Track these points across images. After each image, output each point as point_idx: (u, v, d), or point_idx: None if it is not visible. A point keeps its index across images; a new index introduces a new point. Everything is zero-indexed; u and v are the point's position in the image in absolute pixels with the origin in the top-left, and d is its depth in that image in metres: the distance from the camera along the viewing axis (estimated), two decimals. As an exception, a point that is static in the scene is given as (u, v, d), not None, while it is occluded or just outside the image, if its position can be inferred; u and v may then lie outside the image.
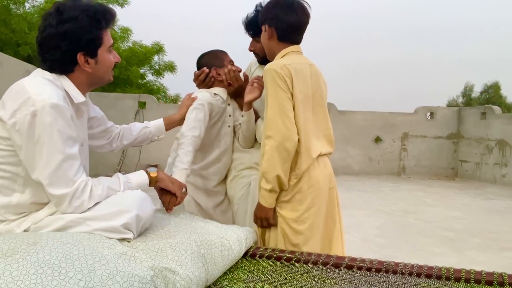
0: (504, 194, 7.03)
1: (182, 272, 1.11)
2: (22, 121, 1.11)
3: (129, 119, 7.85)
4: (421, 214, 5.17)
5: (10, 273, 0.88)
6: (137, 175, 1.39)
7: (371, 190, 6.89)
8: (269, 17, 1.70)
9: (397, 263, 1.35)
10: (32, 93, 1.13)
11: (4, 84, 1.83)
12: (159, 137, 1.81)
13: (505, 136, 8.24)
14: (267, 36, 1.73)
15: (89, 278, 0.92)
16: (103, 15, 1.28)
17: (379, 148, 9.36)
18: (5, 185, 1.20)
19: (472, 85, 32.98)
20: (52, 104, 1.13)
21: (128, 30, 11.59)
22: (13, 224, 1.21)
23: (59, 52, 1.22)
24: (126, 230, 1.15)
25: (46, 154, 1.12)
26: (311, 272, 1.33)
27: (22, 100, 1.13)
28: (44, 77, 1.22)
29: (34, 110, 1.11)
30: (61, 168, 1.13)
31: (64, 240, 1.03)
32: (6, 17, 9.30)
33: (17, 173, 1.19)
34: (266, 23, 1.72)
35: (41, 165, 1.13)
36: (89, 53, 1.27)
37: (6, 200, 1.20)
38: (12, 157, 1.18)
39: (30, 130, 1.11)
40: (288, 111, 1.59)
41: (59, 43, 1.21)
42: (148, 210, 1.23)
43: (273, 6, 1.71)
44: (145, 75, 12.06)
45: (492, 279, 1.24)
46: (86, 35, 1.23)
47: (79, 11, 1.22)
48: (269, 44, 1.76)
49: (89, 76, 1.30)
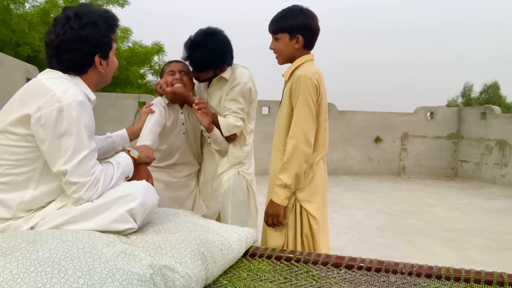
0: (504, 194, 7.03)
1: (182, 270, 1.11)
2: (49, 115, 1.17)
3: (129, 119, 7.85)
4: (421, 214, 5.17)
5: (10, 271, 0.88)
6: (123, 157, 1.45)
7: (371, 190, 6.89)
8: (297, 25, 1.78)
9: (397, 263, 1.35)
10: (57, 91, 1.20)
11: (4, 84, 1.83)
12: (123, 147, 1.80)
13: (505, 136, 8.24)
14: (293, 43, 1.80)
15: (89, 276, 0.92)
16: (113, 20, 1.39)
17: (379, 148, 9.36)
18: (19, 182, 1.23)
19: (471, 85, 33.01)
20: (78, 100, 1.20)
21: (128, 30, 11.62)
22: (20, 221, 1.23)
23: (79, 54, 1.31)
24: (130, 217, 1.20)
25: (73, 147, 1.19)
26: (311, 272, 1.33)
27: (47, 97, 1.19)
28: (63, 77, 1.30)
29: (60, 106, 1.18)
30: (85, 160, 1.21)
31: (63, 238, 1.04)
32: (6, 17, 9.31)
33: (34, 169, 1.24)
34: (294, 31, 1.78)
35: (67, 157, 1.19)
36: (104, 55, 1.37)
37: (19, 197, 1.23)
38: (31, 153, 1.22)
39: (56, 124, 1.17)
40: (313, 117, 1.74)
41: (81, 45, 1.30)
42: (152, 198, 1.30)
43: (299, 15, 1.79)
44: (145, 75, 12.08)
45: (492, 279, 1.23)
46: (103, 39, 1.34)
47: (97, 16, 1.33)
48: (292, 51, 1.83)
49: (100, 76, 1.40)
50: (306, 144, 1.73)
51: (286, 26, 1.79)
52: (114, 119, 7.75)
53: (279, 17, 1.83)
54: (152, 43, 11.65)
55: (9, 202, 1.22)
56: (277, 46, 1.84)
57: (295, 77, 1.76)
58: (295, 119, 1.74)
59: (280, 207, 1.76)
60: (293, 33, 1.79)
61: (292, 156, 1.72)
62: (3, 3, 9.42)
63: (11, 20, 9.25)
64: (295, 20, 1.78)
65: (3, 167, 1.22)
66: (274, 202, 1.77)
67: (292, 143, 1.73)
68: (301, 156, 1.72)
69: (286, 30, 1.79)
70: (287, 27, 1.79)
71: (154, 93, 11.69)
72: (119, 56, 10.33)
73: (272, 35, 1.86)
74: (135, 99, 8.44)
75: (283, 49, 1.83)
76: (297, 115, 1.73)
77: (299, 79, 1.73)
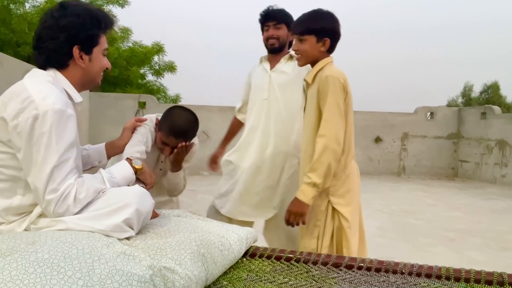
0: (504, 194, 7.03)
1: (182, 271, 1.11)
2: (24, 123, 1.13)
3: (129, 119, 7.82)
4: (421, 214, 5.17)
5: (9, 272, 0.88)
6: (121, 168, 1.40)
7: (371, 190, 6.88)
8: (327, 28, 1.80)
9: (397, 263, 1.35)
10: (36, 97, 1.15)
11: (4, 84, 1.83)
12: (99, 162, 1.69)
13: (505, 136, 8.24)
14: (319, 46, 1.82)
15: (88, 277, 0.92)
16: (104, 17, 1.35)
17: (379, 148, 9.36)
18: (6, 188, 1.21)
19: (471, 85, 32.94)
20: (56, 109, 1.15)
21: (128, 30, 11.61)
22: (13, 225, 1.22)
23: (56, 43, 1.26)
24: (127, 226, 1.16)
25: (41, 159, 1.13)
26: (311, 272, 1.33)
27: (26, 103, 1.14)
28: (45, 79, 1.24)
29: (36, 114, 1.13)
30: (53, 173, 1.14)
31: (63, 239, 1.03)
32: (6, 17, 9.31)
33: (19, 177, 1.20)
34: (322, 33, 1.80)
35: (36, 169, 1.14)
36: (85, 48, 1.31)
37: (7, 203, 1.21)
38: (14, 160, 1.19)
39: (30, 133, 1.13)
40: (342, 116, 1.75)
41: (58, 34, 1.26)
42: (147, 205, 1.24)
43: (328, 18, 1.82)
44: (145, 75, 12.07)
45: (492, 279, 1.23)
46: (84, 31, 1.29)
47: (81, 9, 1.29)
48: (316, 53, 1.83)
49: (82, 73, 1.33)
50: (336, 143, 1.72)
51: (315, 28, 1.79)
52: (114, 119, 7.75)
53: (306, 19, 1.83)
54: (152, 43, 11.63)
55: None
56: (302, 47, 1.83)
57: (322, 78, 1.76)
58: (325, 118, 1.73)
59: (306, 205, 1.73)
60: (321, 36, 1.80)
61: (322, 155, 1.71)
62: (3, 3, 9.41)
63: (11, 20, 9.25)
64: (325, 23, 1.80)
65: None
66: (300, 200, 1.73)
67: (322, 141, 1.72)
68: (331, 155, 1.71)
69: (314, 32, 1.79)
70: (316, 29, 1.79)
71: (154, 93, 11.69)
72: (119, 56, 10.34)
73: (297, 36, 1.85)
74: (135, 99, 8.44)
75: (308, 51, 1.82)
76: (327, 114, 1.73)
77: (327, 79, 1.73)
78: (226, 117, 8.26)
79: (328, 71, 1.76)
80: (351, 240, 1.80)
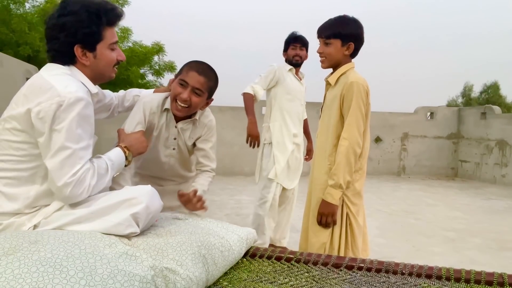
0: (504, 194, 7.03)
1: (183, 272, 1.11)
2: (48, 109, 1.17)
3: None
4: (421, 214, 5.17)
5: (12, 271, 0.88)
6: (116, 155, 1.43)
7: (371, 190, 6.88)
8: (352, 33, 1.88)
9: (397, 263, 1.36)
10: (58, 86, 1.20)
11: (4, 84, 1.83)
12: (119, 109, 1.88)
13: (505, 136, 8.23)
14: (344, 50, 1.88)
15: (90, 277, 0.92)
16: (105, 12, 1.33)
17: (379, 148, 9.36)
18: (25, 177, 1.24)
19: (471, 85, 32.95)
20: (79, 97, 1.19)
21: (128, 30, 11.59)
22: (25, 218, 1.24)
23: (58, 43, 1.29)
24: (134, 221, 1.18)
25: (61, 142, 1.17)
26: (311, 272, 1.33)
27: (49, 92, 1.18)
28: (63, 71, 1.28)
29: (60, 101, 1.17)
30: (70, 158, 1.18)
31: (65, 239, 1.04)
32: (6, 17, 9.30)
33: (39, 165, 1.23)
34: (347, 38, 1.87)
35: (53, 152, 1.18)
36: (87, 46, 1.32)
37: (25, 191, 1.23)
38: (35, 149, 1.22)
39: (54, 118, 1.17)
40: (364, 121, 1.86)
41: (58, 34, 1.28)
42: (156, 204, 1.28)
43: (354, 24, 1.89)
44: (145, 75, 12.06)
45: (492, 279, 1.24)
46: (83, 29, 1.29)
47: (79, 6, 1.29)
48: (340, 57, 1.91)
49: (90, 70, 1.35)
50: (358, 146, 1.84)
51: (341, 32, 1.86)
52: (114, 119, 7.73)
53: (333, 23, 1.90)
54: (152, 43, 11.63)
55: (15, 196, 1.23)
56: (327, 50, 1.90)
57: (347, 83, 1.84)
58: (349, 122, 1.83)
59: (335, 206, 1.85)
60: (346, 40, 1.87)
61: (346, 157, 1.81)
62: (3, 3, 9.41)
63: (11, 20, 9.24)
64: (351, 29, 1.88)
65: (9, 162, 1.22)
66: (329, 202, 1.84)
67: (345, 144, 1.82)
68: (353, 157, 1.82)
69: (340, 36, 1.86)
70: (342, 34, 1.86)
71: (154, 93, 11.65)
72: (119, 56, 10.29)
73: (322, 39, 1.91)
74: (135, 99, 8.42)
75: (333, 54, 1.90)
76: (350, 118, 1.83)
77: (352, 85, 1.82)
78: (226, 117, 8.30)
79: (352, 77, 1.84)
80: (357, 240, 1.89)
